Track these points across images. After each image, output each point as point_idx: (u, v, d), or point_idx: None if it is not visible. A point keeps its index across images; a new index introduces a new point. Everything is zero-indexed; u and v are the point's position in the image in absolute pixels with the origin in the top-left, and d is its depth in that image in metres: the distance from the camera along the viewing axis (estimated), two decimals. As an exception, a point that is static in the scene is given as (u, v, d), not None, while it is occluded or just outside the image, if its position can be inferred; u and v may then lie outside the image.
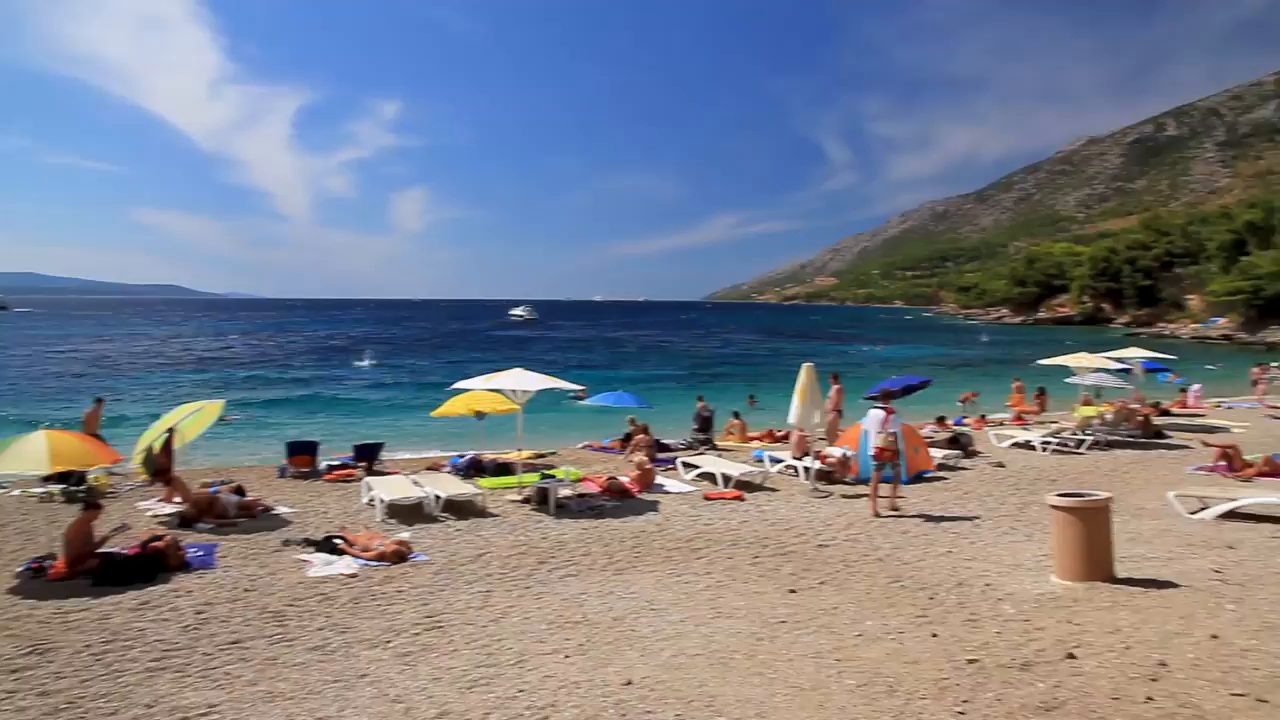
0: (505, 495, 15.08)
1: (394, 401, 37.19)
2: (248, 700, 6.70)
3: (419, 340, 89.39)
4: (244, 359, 62.62)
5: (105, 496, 14.51)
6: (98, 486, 15.52)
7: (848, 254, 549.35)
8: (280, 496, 15.01)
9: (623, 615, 8.62)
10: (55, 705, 6.67)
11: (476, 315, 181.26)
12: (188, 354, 67.22)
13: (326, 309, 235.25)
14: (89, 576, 10.04)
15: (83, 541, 10.39)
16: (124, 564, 10.20)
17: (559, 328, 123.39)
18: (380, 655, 7.62)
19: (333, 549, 11.18)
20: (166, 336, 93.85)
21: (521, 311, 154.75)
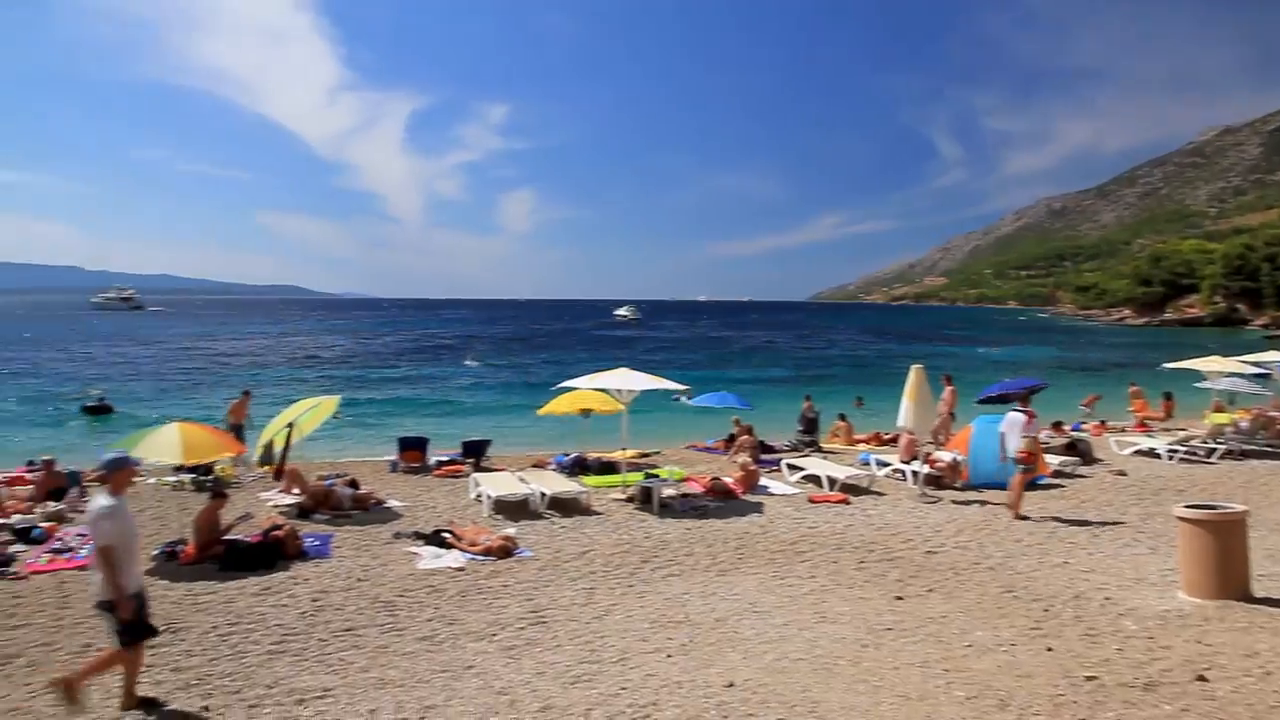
0: (609, 494, 15.22)
1: (501, 399, 37.93)
2: (360, 686, 6.94)
3: (525, 339, 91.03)
4: (357, 357, 64.91)
5: (230, 486, 15.25)
6: (224, 477, 16.35)
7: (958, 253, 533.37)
8: (391, 490, 15.50)
9: (725, 617, 8.58)
10: (186, 681, 7.07)
11: (581, 315, 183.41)
12: (304, 352, 70.06)
13: (436, 308, 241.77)
14: (216, 562, 10.60)
15: (210, 529, 10.96)
16: (247, 551, 10.73)
17: (663, 327, 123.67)
18: (486, 648, 7.79)
19: (441, 543, 11.49)
20: (284, 335, 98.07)
21: (626, 311, 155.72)
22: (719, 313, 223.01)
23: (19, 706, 6.64)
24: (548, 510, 13.88)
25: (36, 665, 7.52)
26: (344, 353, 69.52)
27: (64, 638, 8.23)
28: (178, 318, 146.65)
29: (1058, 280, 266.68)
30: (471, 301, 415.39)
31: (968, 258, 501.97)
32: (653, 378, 15.68)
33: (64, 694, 6.21)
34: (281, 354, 67.63)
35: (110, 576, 6.28)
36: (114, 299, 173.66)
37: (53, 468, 15.28)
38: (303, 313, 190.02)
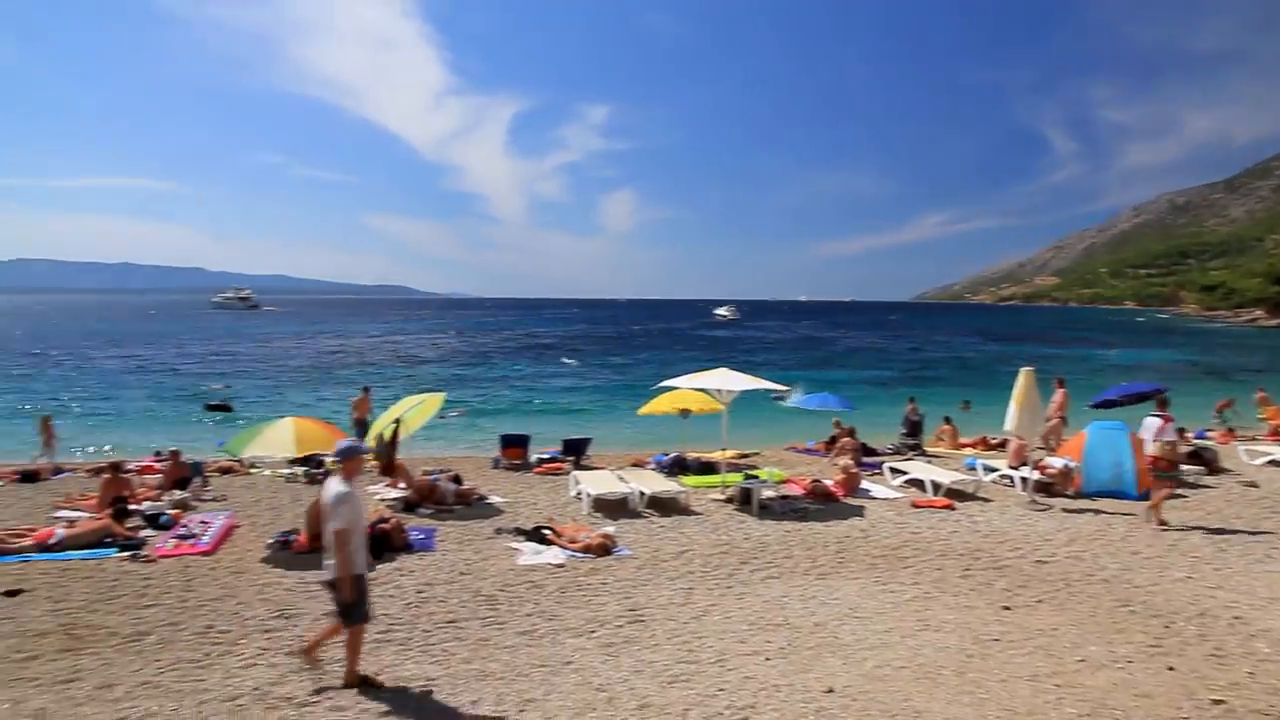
0: (708, 494, 15.19)
1: (600, 398, 38.26)
2: (461, 677, 7.10)
3: (625, 339, 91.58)
4: (460, 355, 66.42)
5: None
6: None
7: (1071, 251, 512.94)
8: (493, 486, 15.81)
9: (825, 621, 8.47)
10: (299, 665, 7.35)
11: (681, 315, 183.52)
12: (408, 350, 72.11)
13: (537, 308, 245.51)
14: (327, 552, 10.98)
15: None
16: (357, 542, 11.07)
17: (762, 328, 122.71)
18: (584, 644, 7.87)
19: (541, 539, 11.67)
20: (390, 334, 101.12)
21: (725, 311, 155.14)
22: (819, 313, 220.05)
23: (150, 680, 7.04)
24: (646, 509, 13.95)
25: (165, 643, 7.94)
26: (447, 351, 71.23)
27: (188, 618, 8.66)
28: (290, 317, 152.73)
29: (1180, 279, 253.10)
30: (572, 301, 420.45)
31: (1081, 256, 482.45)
32: (752, 378, 15.57)
33: (305, 659, 7.05)
34: (387, 352, 69.75)
35: (342, 557, 6.67)
36: (232, 299, 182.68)
37: (178, 458, 16.12)
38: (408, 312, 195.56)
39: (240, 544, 11.79)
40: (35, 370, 49.32)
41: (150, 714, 6.39)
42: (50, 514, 13.31)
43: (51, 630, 8.29)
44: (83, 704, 6.59)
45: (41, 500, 14.62)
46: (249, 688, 6.87)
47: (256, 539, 12.00)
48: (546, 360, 60.75)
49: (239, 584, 9.87)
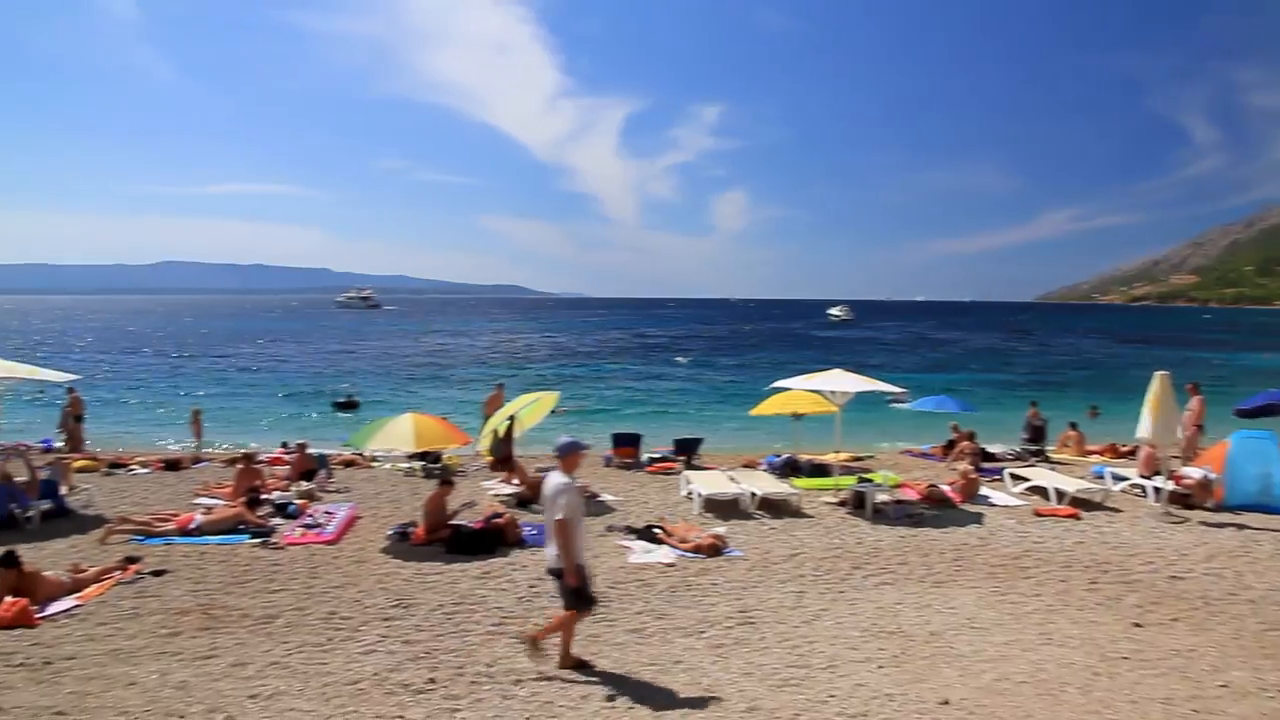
0: (821, 496, 14.96)
1: (712, 399, 38.19)
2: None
3: (736, 339, 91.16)
4: (573, 354, 67.38)
5: (457, 474, 16.22)
6: (451, 465, 17.43)
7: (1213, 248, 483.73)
8: (605, 485, 15.95)
9: (940, 630, 8.22)
10: (415, 653, 7.60)
11: (793, 315, 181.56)
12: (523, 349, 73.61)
13: (649, 308, 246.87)
14: (442, 544, 11.32)
15: (438, 513, 11.72)
16: (471, 536, 11.38)
17: (877, 328, 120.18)
18: (694, 644, 7.85)
19: (652, 538, 11.71)
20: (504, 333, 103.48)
21: (839, 311, 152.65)
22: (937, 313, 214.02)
23: (278, 661, 7.39)
24: (758, 510, 13.84)
25: (292, 626, 8.32)
26: (560, 350, 72.36)
27: (313, 604, 9.04)
28: (408, 316, 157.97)
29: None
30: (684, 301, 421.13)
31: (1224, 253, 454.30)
32: (867, 379, 15.27)
33: (529, 648, 7.26)
34: (502, 351, 71.37)
35: (567, 547, 6.89)
36: (355, 298, 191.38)
37: (305, 451, 16.85)
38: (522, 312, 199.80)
39: (362, 534, 12.25)
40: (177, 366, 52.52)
41: (279, 693, 6.69)
42: (191, 501, 14.15)
43: (191, 609, 8.79)
44: (219, 680, 6.96)
45: (183, 488, 15.55)
46: (369, 673, 7.13)
47: (377, 530, 12.44)
48: (658, 360, 61.02)
49: (360, 573, 10.25)
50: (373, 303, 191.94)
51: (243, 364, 54.98)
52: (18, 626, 8.21)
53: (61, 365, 19.57)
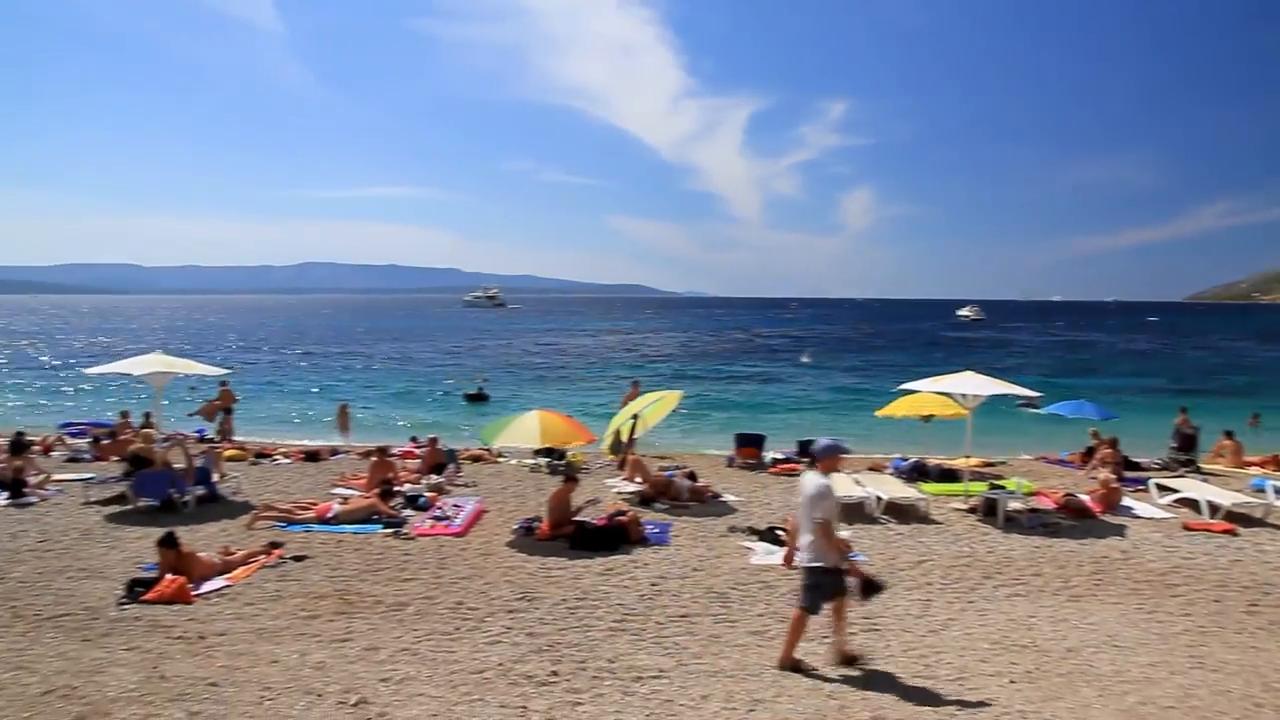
0: (949, 503, 14.48)
1: (837, 400, 37.58)
2: (693, 671, 7.18)
3: (862, 340, 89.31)
4: (696, 353, 67.44)
5: (581, 472, 16.44)
6: (575, 462, 17.69)
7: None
8: (728, 485, 15.89)
9: (1078, 647, 7.82)
10: (539, 646, 7.74)
11: (921, 315, 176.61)
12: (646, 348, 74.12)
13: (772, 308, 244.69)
14: (566, 540, 11.51)
15: (562, 509, 11.91)
16: (594, 533, 11.52)
17: (1010, 329, 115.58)
18: (817, 649, 7.71)
19: (775, 540, 11.59)
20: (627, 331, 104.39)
21: (969, 312, 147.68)
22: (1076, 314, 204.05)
23: (408, 647, 7.66)
24: (883, 515, 13.50)
25: (421, 614, 8.62)
26: (683, 349, 72.54)
27: (441, 593, 9.34)
28: (533, 315, 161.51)
29: None
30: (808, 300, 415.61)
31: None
32: (1000, 382, 14.69)
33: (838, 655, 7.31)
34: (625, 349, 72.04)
35: (828, 546, 7.00)
36: (481, 297, 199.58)
37: (436, 445, 17.43)
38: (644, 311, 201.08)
39: (488, 528, 12.58)
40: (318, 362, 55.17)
41: (409, 678, 6.93)
42: (328, 491, 14.84)
43: (329, 594, 9.22)
44: (354, 662, 7.27)
45: (321, 478, 16.33)
46: (494, 663, 7.30)
47: (503, 524, 12.75)
48: (782, 360, 60.42)
49: (486, 565, 10.52)
50: (498, 301, 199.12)
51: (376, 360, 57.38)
52: (176, 602, 8.81)
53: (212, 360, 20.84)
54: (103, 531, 12.06)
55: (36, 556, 10.68)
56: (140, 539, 11.42)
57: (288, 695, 6.54)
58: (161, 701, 6.38)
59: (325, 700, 6.46)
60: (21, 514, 13.05)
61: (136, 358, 17.87)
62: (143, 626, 8.18)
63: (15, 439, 16.10)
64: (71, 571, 10.02)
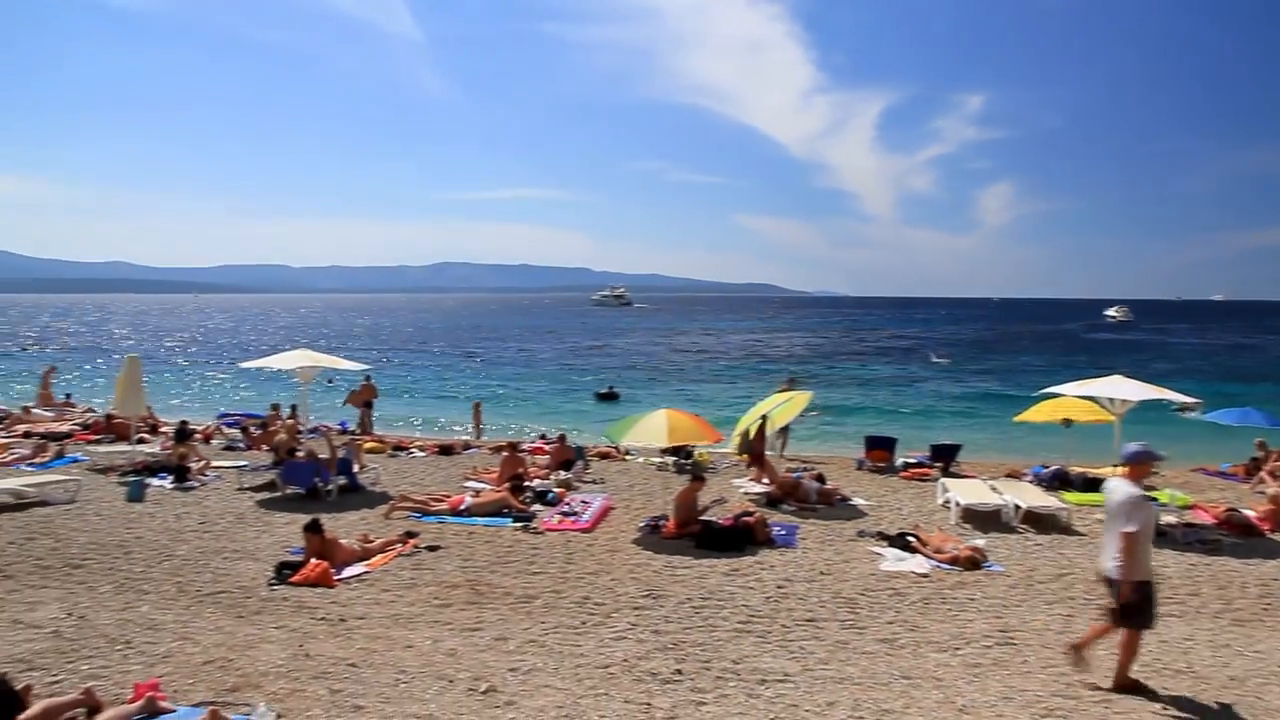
0: (1094, 514, 13.69)
1: (973, 403, 36.29)
2: (818, 677, 7.03)
3: (999, 341, 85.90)
4: (824, 354, 66.38)
5: (707, 471, 16.40)
6: (702, 461, 17.66)
7: None
8: (857, 488, 15.54)
9: (1242, 676, 7.25)
10: (664, 644, 7.75)
11: (1063, 316, 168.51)
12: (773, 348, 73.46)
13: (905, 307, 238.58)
14: (692, 539, 11.48)
15: (689, 508, 11.90)
16: (720, 533, 11.46)
17: (1163, 331, 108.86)
18: (948, 660, 7.45)
19: (905, 546, 11.25)
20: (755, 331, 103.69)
21: (1116, 312, 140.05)
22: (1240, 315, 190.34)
23: (535, 639, 7.80)
24: (1021, 524, 12.91)
25: (549, 607, 8.77)
26: (812, 349, 71.53)
27: (568, 588, 9.47)
28: (659, 314, 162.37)
29: None
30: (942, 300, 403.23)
31: None
32: (1152, 387, 13.83)
33: (1073, 656, 7.14)
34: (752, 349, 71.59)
35: (1129, 560, 6.75)
36: (608, 297, 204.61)
37: (564, 442, 17.72)
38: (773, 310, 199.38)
39: (615, 524, 12.69)
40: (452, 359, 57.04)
41: (536, 669, 7.05)
42: (461, 484, 15.29)
43: (460, 584, 9.50)
44: (484, 651, 7.46)
45: (455, 471, 16.85)
46: (619, 658, 7.35)
47: (629, 521, 12.83)
48: (914, 361, 58.75)
49: (613, 561, 10.61)
50: (625, 301, 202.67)
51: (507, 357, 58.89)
52: (320, 585, 9.25)
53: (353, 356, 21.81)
54: (255, 516, 12.81)
55: (197, 536, 11.45)
56: (288, 524, 12.05)
57: (421, 679, 6.75)
58: (306, 678, 6.70)
59: (456, 686, 6.64)
60: (185, 497, 13.99)
61: (286, 353, 18.88)
62: (290, 606, 8.63)
63: (179, 428, 17.24)
64: (227, 552, 10.68)
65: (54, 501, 13.11)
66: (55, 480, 13.99)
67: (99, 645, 7.39)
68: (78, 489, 13.78)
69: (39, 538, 11.09)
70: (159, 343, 77.65)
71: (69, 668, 6.86)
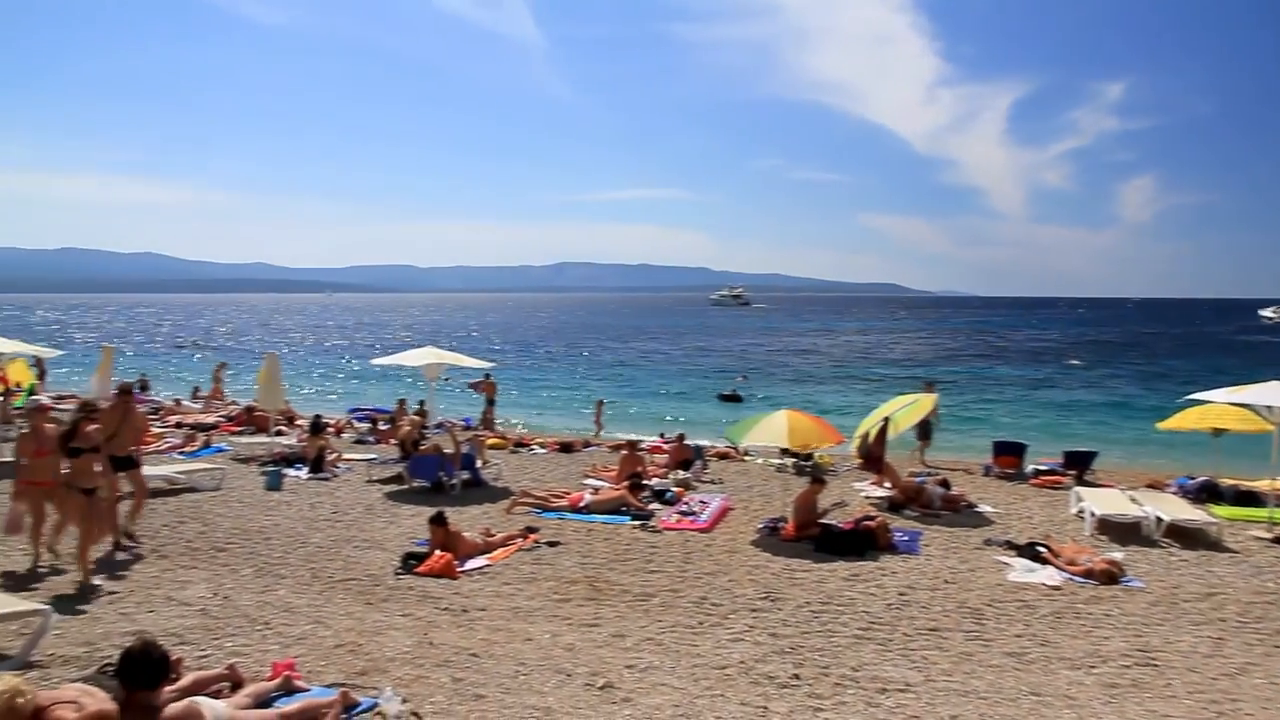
0: (1249, 529, 12.82)
1: (1112, 409, 34.51)
2: (942, 689, 6.80)
3: (1138, 343, 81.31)
4: (949, 355, 64.36)
5: (827, 473, 16.12)
6: (822, 463, 17.39)
7: None
8: (983, 495, 14.99)
9: None
10: (782, 647, 7.66)
11: (1213, 316, 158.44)
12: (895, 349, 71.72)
13: (1035, 307, 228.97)
14: (811, 543, 11.31)
15: (808, 511, 11.73)
16: (840, 537, 11.25)
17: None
18: (1082, 679, 7.09)
19: (1035, 556, 10.78)
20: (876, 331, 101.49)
21: (1273, 313, 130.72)
22: None
23: (652, 637, 7.84)
24: (1164, 539, 12.18)
25: (666, 606, 8.79)
26: (936, 351, 69.50)
27: (686, 587, 9.46)
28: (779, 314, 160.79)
29: None
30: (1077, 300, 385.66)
31: None
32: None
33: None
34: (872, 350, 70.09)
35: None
36: (726, 296, 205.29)
37: (683, 441, 17.73)
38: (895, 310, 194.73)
39: (733, 525, 12.62)
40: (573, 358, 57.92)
41: (653, 667, 7.07)
42: (580, 481, 15.49)
43: (579, 580, 9.62)
44: (601, 647, 7.53)
45: (574, 469, 17.10)
46: (735, 660, 7.30)
47: (748, 522, 12.74)
48: (1046, 364, 56.31)
49: (731, 562, 10.55)
50: (744, 300, 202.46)
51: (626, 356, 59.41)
52: (444, 577, 9.53)
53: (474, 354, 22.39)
54: (383, 507, 13.31)
55: (329, 525, 11.99)
56: (414, 516, 12.46)
57: (540, 672, 6.87)
58: (430, 666, 6.91)
59: (574, 680, 6.72)
60: (319, 487, 14.67)
61: (413, 350, 19.55)
62: (415, 596, 8.93)
63: (314, 421, 18.05)
64: (357, 541, 11.13)
65: (201, 488, 13.96)
66: (203, 468, 14.91)
67: (241, 624, 7.82)
68: (223, 477, 14.65)
69: (189, 521, 11.83)
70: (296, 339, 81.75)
71: (214, 644, 7.29)
